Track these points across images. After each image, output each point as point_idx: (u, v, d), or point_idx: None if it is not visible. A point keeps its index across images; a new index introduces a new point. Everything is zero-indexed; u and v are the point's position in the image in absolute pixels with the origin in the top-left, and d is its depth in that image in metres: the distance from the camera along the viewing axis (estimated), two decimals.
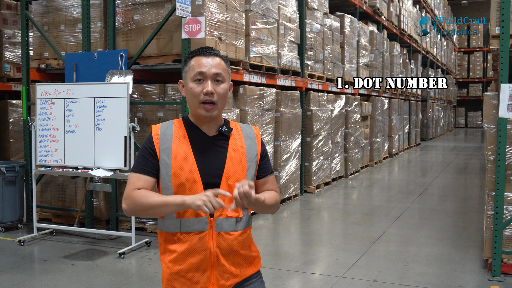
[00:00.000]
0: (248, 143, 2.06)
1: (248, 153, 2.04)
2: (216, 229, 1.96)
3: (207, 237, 1.95)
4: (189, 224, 1.96)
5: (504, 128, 4.57)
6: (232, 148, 2.02)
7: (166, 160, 1.97)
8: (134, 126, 5.41)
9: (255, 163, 2.05)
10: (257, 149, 2.08)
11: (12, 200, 6.27)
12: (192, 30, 5.48)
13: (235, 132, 2.07)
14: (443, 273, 4.85)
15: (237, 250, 2.01)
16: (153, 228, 6.24)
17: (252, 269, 2.08)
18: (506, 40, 4.58)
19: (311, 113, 9.27)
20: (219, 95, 1.99)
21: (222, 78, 2.00)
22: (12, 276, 4.70)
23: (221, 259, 1.97)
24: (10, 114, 9.53)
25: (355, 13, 12.22)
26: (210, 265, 1.96)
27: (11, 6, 9.56)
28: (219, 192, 1.83)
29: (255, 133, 2.11)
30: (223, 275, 1.98)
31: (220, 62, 2.01)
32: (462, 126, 33.68)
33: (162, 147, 1.99)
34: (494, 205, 4.68)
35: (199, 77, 1.98)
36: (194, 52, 2.03)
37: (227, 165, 1.98)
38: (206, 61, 1.99)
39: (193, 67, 2.00)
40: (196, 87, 1.98)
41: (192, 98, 2.00)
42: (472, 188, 10.37)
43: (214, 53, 2.02)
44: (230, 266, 1.99)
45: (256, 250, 2.14)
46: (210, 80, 1.98)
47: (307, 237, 6.39)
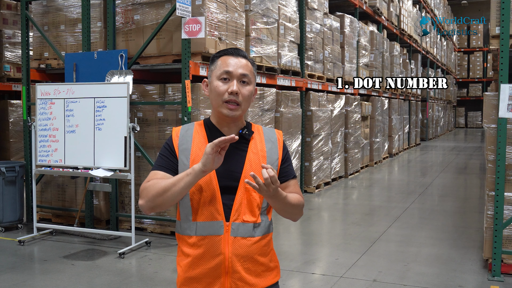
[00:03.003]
0: (269, 147, 2.01)
1: (268, 157, 1.98)
2: (232, 234, 1.89)
3: (222, 241, 1.89)
4: (205, 227, 1.91)
5: (504, 128, 4.57)
6: (252, 151, 1.97)
7: (185, 161, 1.94)
8: (134, 126, 5.41)
9: (275, 167, 1.99)
10: (278, 153, 2.02)
11: (12, 200, 6.27)
12: (192, 30, 5.48)
13: (256, 135, 2.02)
14: (443, 273, 4.85)
15: (254, 258, 1.93)
16: (153, 228, 6.24)
17: (269, 280, 1.98)
18: (506, 40, 4.58)
19: (311, 113, 9.27)
20: (243, 97, 1.94)
21: (248, 80, 1.97)
22: (12, 276, 4.70)
23: (236, 266, 1.90)
24: (10, 114, 9.53)
25: (355, 13, 12.22)
26: (224, 271, 1.89)
27: (11, 6, 9.56)
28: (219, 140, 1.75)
29: (277, 137, 2.06)
30: (237, 283, 1.91)
31: (247, 63, 1.98)
32: (462, 126, 33.68)
33: (181, 148, 1.96)
34: (494, 205, 4.68)
35: (225, 76, 1.94)
36: (222, 52, 2.00)
37: (245, 169, 1.93)
38: (234, 61, 1.95)
39: (219, 66, 1.96)
40: (222, 85, 1.93)
41: (216, 97, 1.95)
42: (472, 188, 10.37)
43: (242, 54, 1.99)
44: (245, 274, 1.91)
45: (276, 260, 2.05)
46: (236, 80, 1.94)
47: (307, 237, 6.39)
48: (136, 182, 6.06)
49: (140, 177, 6.19)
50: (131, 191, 5.59)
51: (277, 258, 2.07)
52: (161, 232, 6.17)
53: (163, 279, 4.66)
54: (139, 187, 6.22)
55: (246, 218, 1.92)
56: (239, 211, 1.91)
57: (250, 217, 1.92)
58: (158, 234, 6.17)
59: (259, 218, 1.95)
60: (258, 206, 1.94)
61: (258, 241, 1.94)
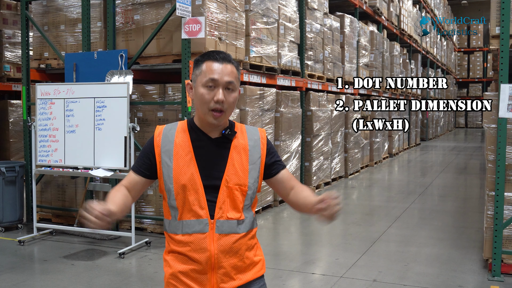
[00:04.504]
0: (251, 145, 2.03)
1: (250, 155, 2.01)
2: (217, 231, 1.94)
3: (207, 239, 1.94)
4: (190, 226, 1.95)
5: (504, 128, 4.57)
6: (234, 150, 2.00)
7: (168, 162, 1.97)
8: (134, 126, 5.41)
9: (258, 165, 2.02)
10: (261, 151, 2.05)
11: (12, 200, 6.27)
12: (192, 30, 5.48)
13: (239, 134, 2.04)
14: (443, 273, 4.85)
15: (239, 253, 1.98)
16: (153, 228, 6.24)
17: (254, 274, 2.04)
18: (506, 40, 4.58)
19: (311, 113, 9.27)
20: (228, 104, 1.95)
21: (233, 87, 1.96)
22: (12, 276, 4.70)
23: (222, 262, 1.95)
24: (10, 114, 9.53)
25: (355, 13, 12.22)
26: (210, 267, 1.94)
27: (11, 6, 9.56)
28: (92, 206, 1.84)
29: (260, 135, 2.08)
30: (223, 278, 1.96)
31: (232, 69, 1.96)
32: (462, 126, 33.68)
33: (164, 149, 1.99)
34: (494, 205, 4.68)
35: (211, 84, 1.93)
36: (206, 56, 1.98)
37: (227, 168, 1.97)
38: (219, 67, 1.93)
39: (204, 73, 1.94)
40: (207, 93, 1.93)
41: (201, 104, 1.95)
42: (472, 188, 10.36)
43: (228, 59, 1.97)
44: (231, 269, 1.96)
45: (261, 254, 2.10)
46: (221, 89, 1.93)
47: (307, 237, 6.39)
48: None
49: None
50: None
51: (262, 252, 2.12)
52: (161, 232, 6.17)
53: (163, 279, 4.65)
54: None
55: (230, 215, 1.96)
56: (223, 209, 1.95)
57: (234, 214, 1.97)
58: (158, 234, 6.17)
59: (243, 215, 1.99)
60: (241, 203, 1.98)
61: (243, 237, 1.99)
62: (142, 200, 6.24)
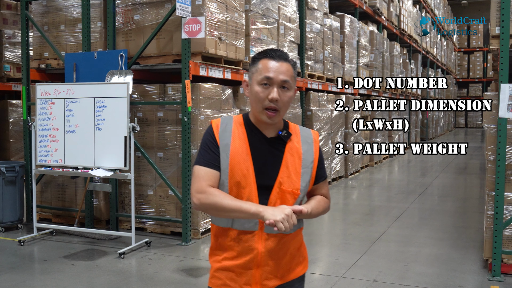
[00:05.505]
0: (305, 149, 2.03)
1: (303, 159, 2.01)
2: (266, 230, 1.95)
3: (256, 237, 1.95)
4: (240, 222, 1.96)
5: (504, 128, 4.57)
6: (289, 152, 2.00)
7: (225, 157, 1.95)
8: (134, 126, 5.41)
9: (310, 169, 2.02)
10: (314, 155, 2.05)
11: (12, 200, 6.28)
12: (192, 30, 5.48)
13: (294, 136, 2.03)
14: (443, 273, 4.85)
15: (285, 252, 2.01)
16: (153, 228, 6.24)
17: (297, 273, 2.07)
18: (506, 40, 4.58)
19: (311, 113, 9.27)
20: (283, 103, 1.94)
21: (288, 86, 1.95)
22: (12, 276, 4.70)
23: (268, 260, 1.97)
24: (10, 114, 9.54)
25: (355, 13, 12.22)
26: (256, 264, 1.96)
27: (11, 6, 9.56)
28: (295, 209, 1.84)
29: (313, 138, 2.08)
30: (268, 275, 1.98)
31: (288, 68, 1.94)
32: (462, 126, 33.68)
33: (222, 143, 1.97)
34: (494, 205, 4.68)
35: (266, 82, 1.92)
36: (263, 54, 1.97)
37: (281, 170, 1.96)
38: (275, 65, 1.92)
39: (260, 71, 1.93)
40: (262, 91, 1.92)
41: (256, 102, 1.95)
42: (472, 188, 10.36)
43: (284, 57, 1.96)
44: (276, 267, 1.99)
45: (305, 253, 2.13)
46: (276, 87, 1.92)
47: (307, 237, 6.37)
48: (136, 182, 6.07)
49: (140, 177, 6.20)
50: (131, 191, 5.59)
51: (306, 251, 2.16)
52: (161, 232, 6.17)
53: (163, 279, 4.66)
54: (139, 187, 6.24)
55: None
56: None
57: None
58: (158, 234, 6.17)
59: None
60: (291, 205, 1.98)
61: (290, 237, 2.03)
62: (142, 200, 6.24)
